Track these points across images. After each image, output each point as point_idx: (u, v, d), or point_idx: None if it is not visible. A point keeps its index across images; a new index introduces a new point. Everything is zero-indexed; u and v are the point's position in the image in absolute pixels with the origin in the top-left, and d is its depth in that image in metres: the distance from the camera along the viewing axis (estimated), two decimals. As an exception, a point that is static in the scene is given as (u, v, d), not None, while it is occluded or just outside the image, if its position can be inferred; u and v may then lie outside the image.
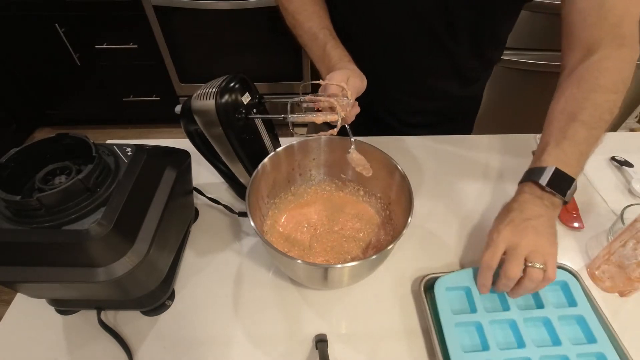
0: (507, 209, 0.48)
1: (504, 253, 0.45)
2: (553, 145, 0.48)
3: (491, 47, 0.69)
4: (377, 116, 0.80)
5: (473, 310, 0.48)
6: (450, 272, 0.51)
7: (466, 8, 0.60)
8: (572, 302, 0.49)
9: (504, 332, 0.48)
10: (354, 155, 0.51)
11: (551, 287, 0.48)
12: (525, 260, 0.44)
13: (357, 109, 0.52)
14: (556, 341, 0.46)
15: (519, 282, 0.45)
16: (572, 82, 0.51)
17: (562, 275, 0.51)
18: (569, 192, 0.46)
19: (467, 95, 0.78)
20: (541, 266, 0.43)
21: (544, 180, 0.46)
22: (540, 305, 0.49)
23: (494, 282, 0.47)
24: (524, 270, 0.44)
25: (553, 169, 0.46)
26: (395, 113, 0.79)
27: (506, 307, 0.49)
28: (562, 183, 0.46)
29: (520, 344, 0.46)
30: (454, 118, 0.82)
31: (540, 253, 0.44)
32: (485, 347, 0.45)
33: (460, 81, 0.73)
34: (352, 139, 0.50)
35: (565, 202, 0.47)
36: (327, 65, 0.58)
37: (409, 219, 0.44)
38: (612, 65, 0.50)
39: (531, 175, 0.48)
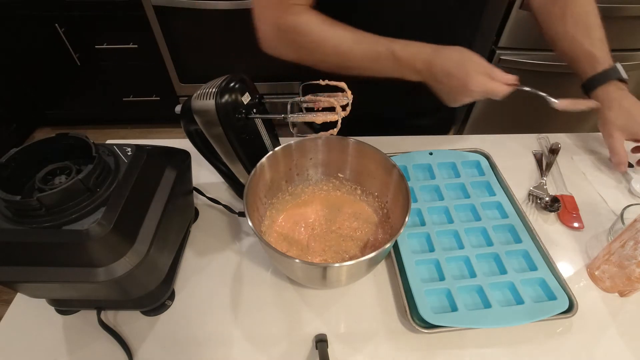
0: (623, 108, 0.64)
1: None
2: (599, 49, 0.65)
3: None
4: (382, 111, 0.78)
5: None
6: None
7: None
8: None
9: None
10: (564, 103, 0.56)
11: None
12: None
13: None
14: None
15: None
16: (563, 5, 0.66)
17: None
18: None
19: None
20: None
21: (624, 74, 0.64)
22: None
23: None
24: None
25: (619, 64, 0.64)
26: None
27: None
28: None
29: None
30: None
31: None
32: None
33: None
34: (546, 96, 0.59)
35: None
36: (413, 69, 0.55)
37: (407, 218, 0.44)
38: None
39: (610, 76, 0.64)
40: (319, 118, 0.49)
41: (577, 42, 0.66)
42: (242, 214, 0.60)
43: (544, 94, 0.58)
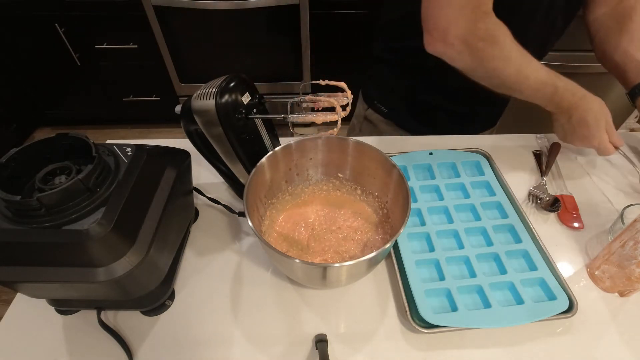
0: None
1: None
2: None
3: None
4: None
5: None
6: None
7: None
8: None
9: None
10: None
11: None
12: None
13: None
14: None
15: None
16: (622, 22, 0.68)
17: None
18: None
19: None
20: None
21: None
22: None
23: None
24: None
25: None
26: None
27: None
28: None
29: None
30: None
31: None
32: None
33: None
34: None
35: None
36: (558, 104, 0.61)
37: (407, 218, 0.44)
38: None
39: None
40: (319, 118, 0.49)
41: (629, 55, 0.68)
42: (242, 214, 0.60)
43: (638, 170, 0.67)
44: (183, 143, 0.57)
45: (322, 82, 0.51)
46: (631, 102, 0.69)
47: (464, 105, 0.79)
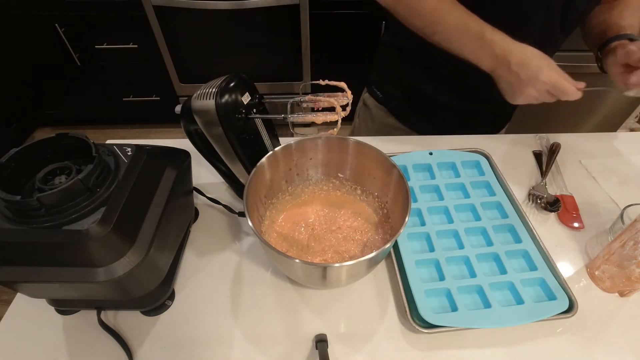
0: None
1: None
2: (628, 25, 0.65)
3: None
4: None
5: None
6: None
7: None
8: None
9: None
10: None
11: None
12: None
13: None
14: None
15: None
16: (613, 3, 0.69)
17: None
18: None
19: None
20: None
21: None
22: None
23: None
24: None
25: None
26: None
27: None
28: None
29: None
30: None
31: None
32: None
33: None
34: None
35: None
36: (492, 52, 0.58)
37: (407, 218, 0.44)
38: None
39: (622, 37, 0.63)
40: (319, 118, 0.49)
41: (611, 21, 0.67)
42: (242, 214, 0.60)
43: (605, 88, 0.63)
44: (183, 143, 0.57)
45: (322, 82, 0.51)
46: (600, 62, 0.67)
47: (460, 100, 0.78)
